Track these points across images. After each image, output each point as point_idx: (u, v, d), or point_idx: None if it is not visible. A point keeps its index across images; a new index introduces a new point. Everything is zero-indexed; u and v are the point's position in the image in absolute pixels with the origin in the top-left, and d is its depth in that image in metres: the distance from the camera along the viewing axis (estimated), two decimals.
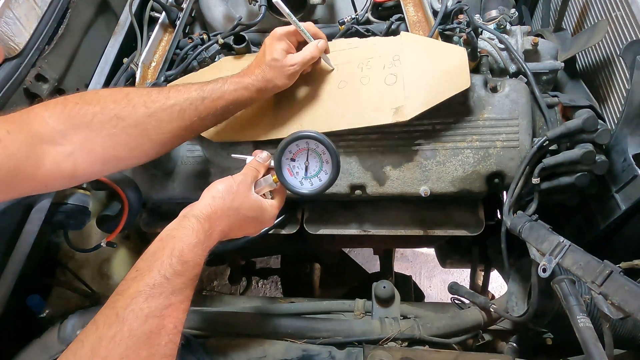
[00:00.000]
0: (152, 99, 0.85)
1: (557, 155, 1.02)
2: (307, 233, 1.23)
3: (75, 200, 1.12)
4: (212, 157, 1.20)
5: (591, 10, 1.25)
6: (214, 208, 0.75)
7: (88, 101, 0.80)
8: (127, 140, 0.82)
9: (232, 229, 0.78)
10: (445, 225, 1.20)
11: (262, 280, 2.86)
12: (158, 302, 0.60)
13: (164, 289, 0.61)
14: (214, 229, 0.73)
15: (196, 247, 0.68)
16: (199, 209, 0.74)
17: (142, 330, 0.57)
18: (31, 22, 1.07)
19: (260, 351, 0.95)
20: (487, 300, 1.07)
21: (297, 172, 0.92)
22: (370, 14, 1.33)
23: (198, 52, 1.28)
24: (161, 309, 0.60)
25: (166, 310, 0.60)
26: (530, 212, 1.01)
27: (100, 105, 0.80)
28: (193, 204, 0.77)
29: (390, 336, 0.98)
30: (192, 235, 0.69)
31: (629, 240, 1.07)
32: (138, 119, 0.82)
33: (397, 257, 2.94)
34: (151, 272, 0.62)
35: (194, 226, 0.71)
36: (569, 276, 0.84)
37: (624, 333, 0.91)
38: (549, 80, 1.19)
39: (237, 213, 0.78)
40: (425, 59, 1.08)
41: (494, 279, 1.63)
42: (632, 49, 0.99)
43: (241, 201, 0.79)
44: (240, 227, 0.80)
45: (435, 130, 1.11)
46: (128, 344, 0.55)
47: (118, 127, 0.81)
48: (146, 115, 0.83)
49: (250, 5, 1.35)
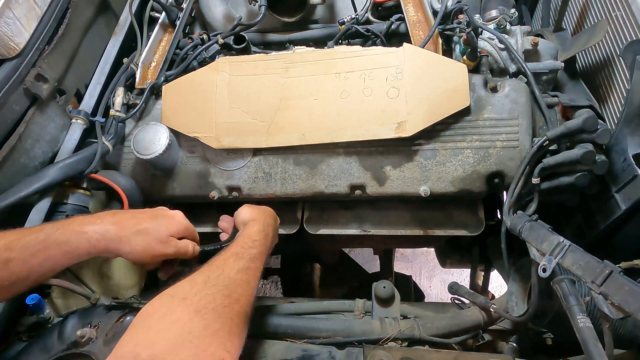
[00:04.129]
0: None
1: (557, 155, 1.02)
2: (307, 233, 1.23)
3: (75, 200, 1.12)
4: (212, 157, 1.20)
5: (591, 10, 1.25)
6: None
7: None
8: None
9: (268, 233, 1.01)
10: (445, 225, 1.20)
11: (262, 280, 2.85)
12: (242, 263, 0.85)
13: (244, 256, 0.87)
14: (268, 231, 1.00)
15: (259, 233, 0.95)
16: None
17: (236, 277, 0.81)
18: (31, 22, 1.07)
19: (260, 351, 0.95)
20: (487, 300, 1.07)
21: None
22: (370, 14, 1.33)
23: (198, 52, 1.28)
24: (245, 269, 0.84)
25: (248, 270, 0.84)
26: (530, 212, 1.01)
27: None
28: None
29: (390, 336, 0.98)
30: (255, 226, 0.97)
31: (629, 240, 1.07)
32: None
33: (397, 257, 2.94)
34: (234, 246, 0.89)
35: (252, 225, 0.98)
36: (569, 276, 0.84)
37: (624, 333, 0.91)
38: (549, 80, 1.19)
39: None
40: (427, 74, 1.09)
41: (494, 279, 1.63)
42: (632, 49, 0.99)
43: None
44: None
45: (435, 130, 1.11)
46: (227, 282, 0.78)
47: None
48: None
49: (250, 5, 1.35)
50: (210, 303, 0.71)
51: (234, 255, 0.86)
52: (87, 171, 1.10)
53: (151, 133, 1.13)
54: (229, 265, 0.83)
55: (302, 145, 1.14)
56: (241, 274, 0.82)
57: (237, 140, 1.15)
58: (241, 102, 1.16)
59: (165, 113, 1.20)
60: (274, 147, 1.15)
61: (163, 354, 0.62)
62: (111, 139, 1.15)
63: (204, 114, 1.17)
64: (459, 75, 1.09)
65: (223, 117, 1.17)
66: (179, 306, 0.69)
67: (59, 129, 1.17)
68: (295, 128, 1.13)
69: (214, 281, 0.77)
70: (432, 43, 1.21)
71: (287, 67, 1.17)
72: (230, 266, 0.83)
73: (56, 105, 1.16)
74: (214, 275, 0.79)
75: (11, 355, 0.97)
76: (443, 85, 1.09)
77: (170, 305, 0.69)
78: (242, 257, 0.86)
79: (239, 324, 0.74)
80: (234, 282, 0.79)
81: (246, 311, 0.78)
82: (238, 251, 0.88)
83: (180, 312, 0.68)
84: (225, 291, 0.76)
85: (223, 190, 1.20)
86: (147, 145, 1.12)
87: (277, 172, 1.17)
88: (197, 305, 0.70)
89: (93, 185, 1.15)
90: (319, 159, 1.16)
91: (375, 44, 1.30)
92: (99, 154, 1.11)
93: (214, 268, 0.81)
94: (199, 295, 0.72)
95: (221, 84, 1.18)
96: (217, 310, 0.71)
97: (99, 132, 1.15)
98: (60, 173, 1.06)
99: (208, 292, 0.73)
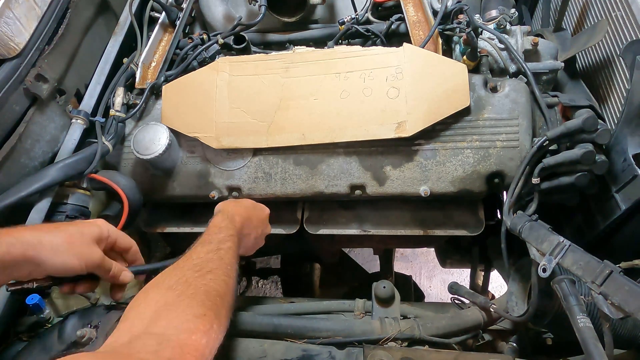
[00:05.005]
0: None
1: (557, 155, 1.02)
2: (307, 233, 1.23)
3: (75, 200, 1.12)
4: (212, 157, 1.20)
5: (591, 10, 1.25)
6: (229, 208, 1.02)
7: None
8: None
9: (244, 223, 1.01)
10: (445, 225, 1.20)
11: (262, 280, 2.85)
12: (211, 246, 0.84)
13: (212, 240, 0.86)
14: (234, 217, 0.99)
15: (223, 221, 0.93)
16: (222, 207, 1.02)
17: (205, 256, 0.80)
18: (31, 22, 1.07)
19: (260, 351, 0.94)
20: (487, 300, 1.07)
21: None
22: (370, 14, 1.33)
23: (198, 52, 1.28)
24: (215, 250, 0.83)
25: (219, 250, 0.83)
26: (530, 212, 1.01)
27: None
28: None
29: (390, 336, 0.98)
30: (218, 216, 0.95)
31: (629, 240, 1.07)
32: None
33: (397, 257, 2.94)
34: (201, 237, 0.87)
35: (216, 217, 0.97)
36: (569, 276, 0.84)
37: (624, 333, 0.91)
38: (549, 80, 1.19)
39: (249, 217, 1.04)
40: (427, 74, 1.09)
41: (494, 279, 1.63)
42: (632, 49, 0.99)
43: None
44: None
45: (435, 130, 1.11)
46: (197, 262, 0.77)
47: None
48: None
49: (250, 5, 1.35)
50: (180, 279, 0.72)
51: (201, 243, 0.85)
52: (87, 171, 1.10)
53: (151, 133, 1.13)
54: (196, 251, 0.82)
55: (302, 145, 1.14)
56: (211, 254, 0.82)
57: (237, 140, 1.15)
58: (241, 102, 1.17)
59: (165, 113, 1.20)
60: (274, 147, 1.15)
61: (142, 330, 0.61)
62: (111, 139, 1.15)
63: (204, 114, 1.17)
64: (459, 75, 1.09)
65: (223, 117, 1.17)
66: (152, 291, 0.71)
67: (59, 129, 1.17)
68: (295, 128, 1.13)
69: (182, 264, 0.77)
70: (432, 43, 1.21)
71: (287, 67, 1.17)
72: (197, 250, 0.82)
73: (56, 105, 1.16)
74: (181, 261, 0.79)
75: (11, 355, 0.97)
76: (443, 85, 1.09)
77: (144, 294, 0.70)
78: (209, 242, 0.85)
79: (217, 288, 0.73)
80: (202, 259, 0.79)
81: (224, 280, 0.77)
82: (204, 239, 0.87)
83: (153, 294, 0.70)
84: (194, 268, 0.76)
85: (223, 190, 1.20)
86: (147, 145, 1.12)
87: (277, 172, 1.17)
88: (168, 284, 0.71)
89: (93, 185, 1.15)
90: (319, 159, 1.16)
91: (375, 44, 1.30)
92: (99, 154, 1.11)
93: (181, 257, 0.81)
94: (169, 277, 0.73)
95: (221, 84, 1.18)
96: (188, 281, 0.72)
97: (99, 132, 1.15)
98: (60, 173, 1.06)
99: (177, 272, 0.74)
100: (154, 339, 0.60)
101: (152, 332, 0.61)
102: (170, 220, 1.31)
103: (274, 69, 1.17)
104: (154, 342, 0.59)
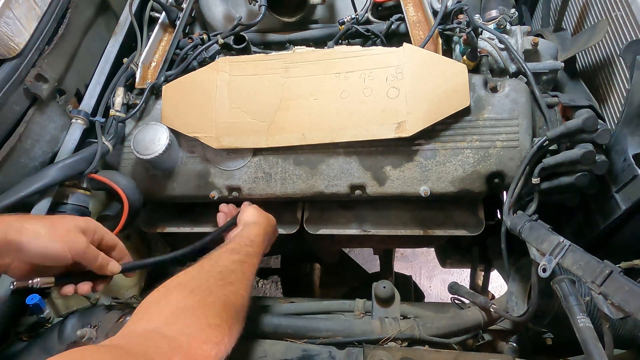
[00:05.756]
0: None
1: (557, 155, 1.02)
2: (307, 233, 1.23)
3: (75, 200, 1.12)
4: (212, 157, 1.20)
5: (591, 10, 1.25)
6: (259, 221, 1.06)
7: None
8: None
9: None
10: (445, 225, 1.20)
11: (262, 280, 2.85)
12: (238, 257, 0.87)
13: (240, 251, 0.89)
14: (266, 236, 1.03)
15: (258, 236, 0.98)
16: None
17: (230, 266, 0.83)
18: (31, 22, 1.07)
19: (260, 351, 0.94)
20: (487, 300, 1.07)
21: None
22: (370, 14, 1.33)
23: (198, 52, 1.28)
24: (240, 261, 0.85)
25: (243, 263, 0.86)
26: (530, 212, 1.01)
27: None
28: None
29: (390, 336, 0.98)
30: (256, 229, 1.00)
31: (629, 240, 1.07)
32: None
33: (397, 257, 2.94)
34: (232, 243, 0.92)
35: (253, 227, 1.01)
36: (569, 276, 0.84)
37: (624, 333, 0.91)
38: (549, 80, 1.19)
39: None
40: (427, 74, 1.09)
41: (494, 279, 1.63)
42: (632, 49, 0.99)
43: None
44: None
45: (435, 130, 1.11)
46: (221, 269, 0.80)
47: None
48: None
49: (250, 5, 1.35)
50: (203, 284, 0.75)
51: (230, 250, 0.88)
52: (87, 171, 1.10)
53: (151, 133, 1.13)
54: (223, 257, 0.85)
55: (302, 145, 1.14)
56: (236, 265, 0.84)
57: (237, 140, 1.15)
58: (241, 102, 1.17)
59: (165, 113, 1.20)
60: (274, 147, 1.15)
61: (158, 327, 0.63)
62: (111, 139, 1.15)
63: (204, 114, 1.17)
64: (459, 75, 1.09)
65: (223, 117, 1.17)
66: (175, 290, 0.73)
67: (59, 129, 1.17)
68: (295, 128, 1.13)
69: (208, 269, 0.80)
70: (432, 43, 1.21)
71: (287, 67, 1.17)
72: (225, 257, 0.85)
73: (56, 105, 1.16)
74: (207, 265, 0.82)
75: (11, 355, 0.97)
76: (443, 85, 1.09)
77: (166, 291, 0.73)
78: (238, 252, 0.88)
79: (235, 302, 0.76)
80: (227, 269, 0.82)
81: (242, 295, 0.79)
82: (234, 247, 0.90)
83: (175, 294, 0.72)
84: (218, 276, 0.79)
85: (223, 190, 1.20)
86: (147, 145, 1.12)
87: (277, 172, 1.17)
88: (191, 286, 0.73)
89: (93, 185, 1.15)
90: (319, 159, 1.16)
91: (375, 44, 1.30)
92: (99, 154, 1.11)
93: (207, 260, 0.84)
94: (193, 280, 0.76)
95: (221, 84, 1.18)
96: (210, 288, 0.74)
97: (99, 132, 1.15)
98: (60, 173, 1.06)
99: (202, 277, 0.77)
100: (166, 342, 0.61)
101: (165, 333, 0.62)
102: (170, 220, 1.31)
103: (274, 69, 1.17)
104: (166, 346, 0.60)
